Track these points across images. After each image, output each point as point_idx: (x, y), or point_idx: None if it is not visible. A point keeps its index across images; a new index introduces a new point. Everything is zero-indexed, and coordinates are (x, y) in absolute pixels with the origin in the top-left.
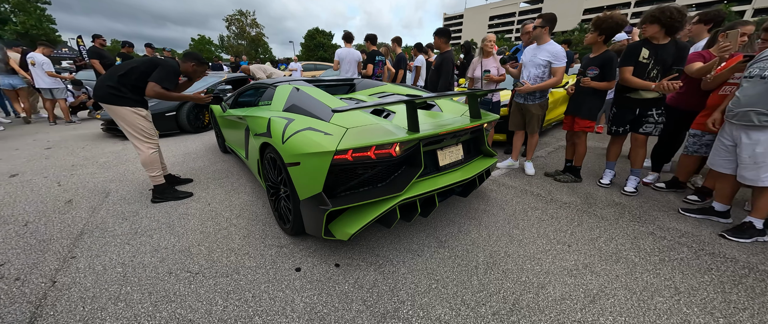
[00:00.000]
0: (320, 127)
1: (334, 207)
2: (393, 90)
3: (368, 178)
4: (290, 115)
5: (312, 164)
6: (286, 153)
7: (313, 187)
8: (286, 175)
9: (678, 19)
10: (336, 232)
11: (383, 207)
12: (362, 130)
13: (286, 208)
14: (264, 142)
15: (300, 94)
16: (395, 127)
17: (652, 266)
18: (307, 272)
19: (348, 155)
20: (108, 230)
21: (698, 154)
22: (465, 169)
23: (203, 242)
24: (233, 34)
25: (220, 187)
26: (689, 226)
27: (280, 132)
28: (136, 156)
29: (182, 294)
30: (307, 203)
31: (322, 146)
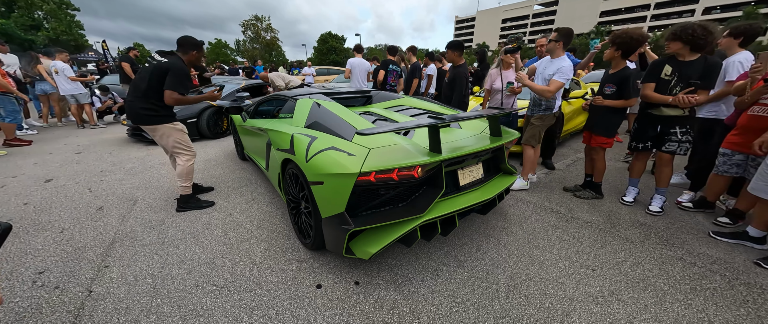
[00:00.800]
0: (343, 147)
1: (357, 227)
2: (411, 103)
3: (390, 198)
4: (313, 133)
5: (335, 184)
6: (309, 172)
7: (336, 206)
8: (308, 192)
9: (702, 36)
10: (357, 251)
11: (404, 228)
12: (384, 151)
13: (306, 223)
14: (286, 158)
15: (321, 110)
16: (417, 148)
17: (683, 296)
18: (327, 290)
19: (371, 177)
20: (137, 239)
21: (728, 174)
22: (485, 189)
23: (226, 254)
24: (249, 39)
25: (240, 196)
26: (721, 252)
27: (304, 150)
28: (159, 162)
29: (209, 308)
30: (329, 221)
31: (346, 168)
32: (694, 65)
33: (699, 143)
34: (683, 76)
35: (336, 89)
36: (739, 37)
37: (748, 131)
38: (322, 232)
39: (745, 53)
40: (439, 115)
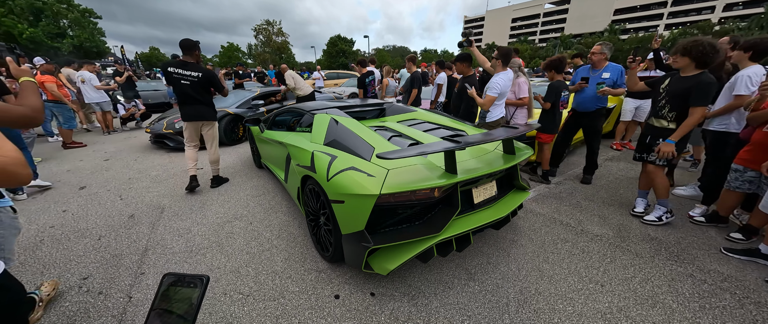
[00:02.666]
0: (363, 168)
1: (376, 245)
2: (424, 117)
3: (407, 216)
4: (333, 152)
5: (356, 204)
6: (330, 191)
7: (356, 224)
8: (329, 209)
9: (710, 53)
10: (375, 266)
11: (422, 246)
12: (402, 172)
13: (326, 237)
14: (307, 175)
15: (340, 128)
16: (433, 168)
17: (692, 314)
18: (345, 300)
19: (390, 197)
20: (168, 247)
21: (740, 190)
22: (499, 206)
23: (250, 263)
24: (260, 43)
25: (259, 205)
26: (732, 269)
27: (325, 169)
28: (181, 170)
29: (238, 316)
30: (349, 238)
31: (366, 189)
32: (687, 82)
33: (711, 156)
34: (671, 90)
35: (350, 103)
36: (748, 51)
37: (761, 148)
38: (341, 247)
39: (756, 67)
40: (455, 131)
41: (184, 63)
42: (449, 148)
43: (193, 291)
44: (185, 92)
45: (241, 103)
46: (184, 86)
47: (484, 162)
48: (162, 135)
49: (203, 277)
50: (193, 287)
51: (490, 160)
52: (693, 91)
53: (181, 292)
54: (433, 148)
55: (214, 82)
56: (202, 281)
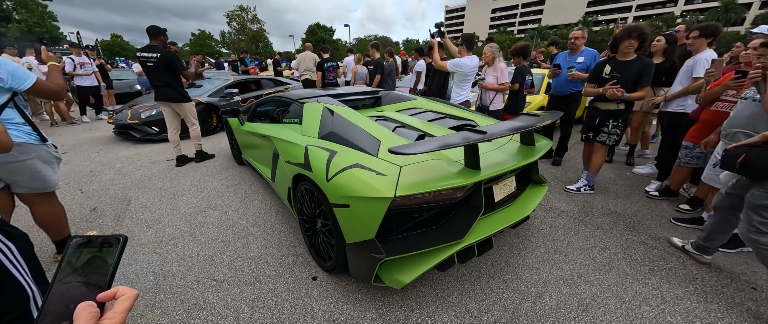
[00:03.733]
0: (369, 164)
1: (390, 256)
2: (425, 106)
3: (423, 220)
4: (331, 146)
5: (364, 208)
6: (331, 193)
7: (364, 232)
8: (330, 214)
9: (649, 35)
10: (386, 279)
11: (442, 255)
12: (417, 169)
13: (326, 244)
14: (300, 174)
15: (337, 119)
16: (451, 163)
17: (642, 276)
18: (323, 281)
19: (405, 200)
20: (135, 239)
21: (690, 166)
22: (519, 203)
23: (225, 251)
24: (234, 30)
25: (234, 194)
26: (679, 236)
27: (323, 167)
28: (150, 162)
29: (211, 302)
30: (355, 248)
31: (377, 190)
32: (631, 65)
33: (667, 136)
34: (622, 74)
35: (342, 91)
36: (709, 38)
37: (709, 125)
38: (345, 257)
39: (710, 52)
40: (464, 120)
41: (148, 46)
42: (474, 140)
43: (109, 253)
44: (151, 74)
45: (213, 91)
46: (149, 68)
47: (505, 155)
48: (126, 126)
49: (120, 237)
50: (108, 248)
51: (510, 152)
52: (643, 74)
53: (92, 256)
54: (454, 140)
55: (174, 62)
56: (118, 241)
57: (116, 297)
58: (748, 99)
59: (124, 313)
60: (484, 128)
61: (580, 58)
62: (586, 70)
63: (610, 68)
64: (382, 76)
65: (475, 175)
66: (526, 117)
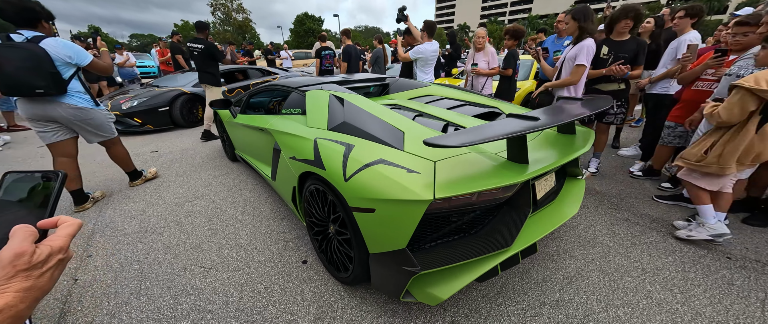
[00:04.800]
0: (396, 160)
1: (426, 270)
2: (441, 93)
3: (461, 224)
4: (345, 139)
5: (394, 213)
6: (352, 195)
7: (394, 241)
8: (348, 219)
9: (642, 16)
10: (418, 294)
11: (485, 265)
12: (455, 164)
13: (342, 253)
14: (308, 171)
15: (350, 108)
16: (491, 157)
17: (624, 250)
18: (313, 264)
19: (445, 202)
20: (118, 229)
21: (672, 145)
22: (563, 201)
23: (212, 239)
24: (219, 20)
25: (222, 184)
26: (660, 212)
27: (339, 165)
28: (133, 154)
29: (199, 287)
30: (381, 259)
31: (412, 192)
32: (628, 44)
33: (651, 117)
34: (619, 54)
35: (345, 78)
36: (693, 18)
37: (690, 105)
38: (366, 267)
39: (695, 33)
40: (488, 108)
41: (195, 39)
42: (530, 128)
43: (48, 186)
44: (196, 61)
45: (198, 81)
46: (195, 56)
47: (547, 146)
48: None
49: (58, 172)
50: (47, 181)
51: (551, 143)
52: (639, 53)
53: (33, 190)
54: (506, 129)
55: (215, 52)
56: (57, 176)
57: (58, 225)
58: (731, 75)
59: (68, 238)
60: (533, 114)
61: (567, 42)
62: None
63: (607, 49)
64: (350, 63)
65: (525, 170)
66: (585, 103)
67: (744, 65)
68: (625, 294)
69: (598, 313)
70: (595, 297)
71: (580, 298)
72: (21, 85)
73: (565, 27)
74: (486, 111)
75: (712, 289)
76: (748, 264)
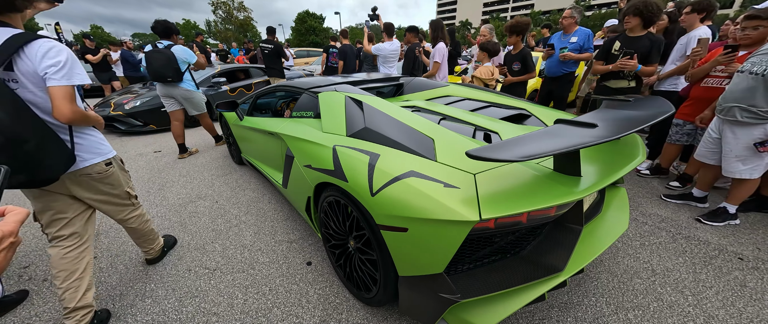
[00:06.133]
0: (430, 172)
1: (466, 298)
2: (460, 93)
3: (504, 245)
4: (368, 147)
5: (431, 234)
6: (380, 212)
7: (429, 265)
8: (374, 237)
9: (656, 12)
10: (454, 323)
11: (533, 292)
12: (497, 177)
13: (364, 272)
14: (326, 182)
15: (370, 111)
16: (534, 167)
17: (633, 251)
18: (317, 266)
19: (490, 223)
20: (122, 231)
21: (680, 143)
22: (609, 215)
23: (216, 240)
24: (220, 19)
25: (225, 184)
26: (669, 212)
27: (364, 177)
28: (136, 154)
29: (204, 289)
30: (413, 283)
31: (455, 212)
32: (641, 41)
33: None
34: (631, 50)
35: (357, 78)
36: (701, 13)
37: (700, 102)
38: (393, 288)
39: (705, 28)
40: (516, 109)
41: (267, 40)
42: (593, 141)
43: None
44: (266, 59)
45: (199, 81)
46: (266, 55)
47: (595, 153)
48: (110, 118)
49: (2, 167)
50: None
51: (597, 148)
52: (652, 50)
53: None
54: (564, 141)
55: (281, 51)
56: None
57: (5, 214)
58: (744, 72)
59: (17, 224)
60: (588, 119)
61: (573, 38)
62: (579, 50)
63: (619, 44)
64: (346, 61)
65: (581, 184)
66: (654, 101)
67: (758, 62)
68: (635, 296)
69: (608, 315)
70: (605, 299)
71: (589, 300)
72: (160, 75)
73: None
74: (513, 113)
75: (724, 292)
76: (760, 264)
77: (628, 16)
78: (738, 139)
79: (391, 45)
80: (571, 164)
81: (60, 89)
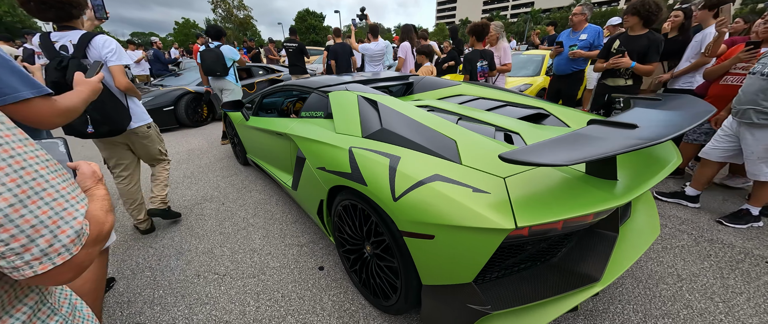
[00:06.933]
0: (456, 176)
1: (498, 310)
2: (473, 92)
3: (534, 252)
4: (387, 149)
5: (460, 242)
6: (403, 217)
7: (457, 274)
8: (394, 244)
9: (654, 12)
10: None
11: (568, 303)
12: (528, 181)
13: (382, 279)
14: (341, 185)
15: (386, 111)
16: (565, 170)
17: (655, 254)
18: (330, 271)
19: (524, 230)
20: (128, 234)
21: (697, 142)
22: (637, 221)
23: (225, 243)
24: (220, 18)
25: (230, 186)
26: (688, 214)
27: (385, 180)
28: None
29: (214, 296)
30: (438, 292)
31: (488, 219)
32: (639, 40)
33: None
34: (628, 49)
35: (365, 77)
36: (713, 9)
37: (719, 100)
38: (416, 299)
39: None
40: (534, 109)
41: (290, 39)
42: (640, 143)
43: None
44: (290, 57)
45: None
46: (290, 53)
47: (632, 156)
48: None
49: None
50: None
51: (634, 152)
52: (650, 50)
53: None
54: (608, 145)
55: (303, 50)
56: None
57: (79, 167)
58: (755, 74)
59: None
60: (626, 119)
61: (583, 36)
62: (588, 47)
63: (618, 43)
64: (338, 61)
65: (618, 188)
66: (693, 102)
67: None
68: (663, 303)
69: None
70: (632, 306)
71: (615, 307)
72: (211, 70)
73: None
74: (531, 112)
75: (755, 298)
76: None
77: (627, 15)
78: (758, 140)
79: (377, 45)
80: (606, 167)
81: (117, 67)
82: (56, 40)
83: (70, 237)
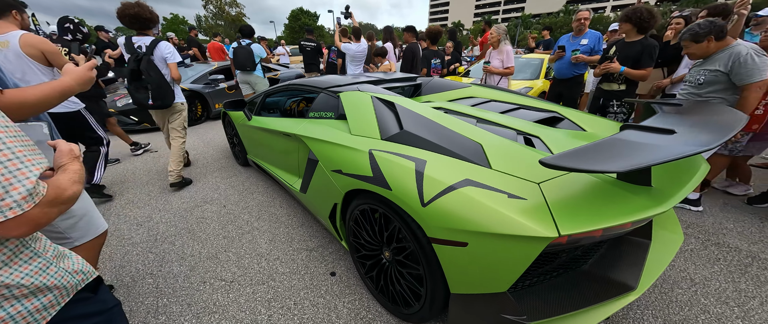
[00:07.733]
0: (488, 181)
1: (534, 320)
2: (484, 94)
3: (567, 260)
4: (411, 152)
5: (495, 250)
6: (432, 224)
7: (491, 283)
8: (421, 251)
9: (647, 18)
10: None
11: (603, 312)
12: (562, 186)
13: (403, 286)
14: (360, 189)
15: (405, 113)
16: (600, 175)
17: None
18: (342, 276)
19: (563, 239)
20: (125, 238)
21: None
22: (661, 227)
23: (229, 248)
24: (211, 14)
25: (231, 187)
26: (693, 217)
27: (412, 185)
28: (131, 154)
29: (222, 304)
30: (469, 302)
31: (528, 227)
32: (634, 46)
33: None
34: (622, 55)
35: (372, 77)
36: (717, 18)
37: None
38: (441, 308)
39: None
40: (547, 112)
41: (307, 38)
42: (684, 153)
43: None
44: (307, 55)
45: (197, 78)
46: (307, 52)
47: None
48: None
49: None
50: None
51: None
52: (643, 55)
53: None
54: (659, 153)
55: (320, 49)
56: None
57: (58, 145)
58: None
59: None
60: (662, 124)
61: (584, 41)
62: (590, 52)
63: (614, 49)
64: (328, 61)
65: (654, 194)
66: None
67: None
68: (681, 308)
69: None
70: (650, 312)
71: (634, 313)
72: (242, 66)
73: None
74: (546, 116)
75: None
76: None
77: (621, 23)
78: None
79: (358, 46)
80: (641, 174)
81: (173, 64)
82: (136, 42)
83: (21, 194)
